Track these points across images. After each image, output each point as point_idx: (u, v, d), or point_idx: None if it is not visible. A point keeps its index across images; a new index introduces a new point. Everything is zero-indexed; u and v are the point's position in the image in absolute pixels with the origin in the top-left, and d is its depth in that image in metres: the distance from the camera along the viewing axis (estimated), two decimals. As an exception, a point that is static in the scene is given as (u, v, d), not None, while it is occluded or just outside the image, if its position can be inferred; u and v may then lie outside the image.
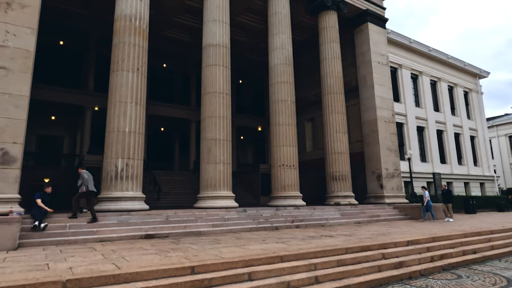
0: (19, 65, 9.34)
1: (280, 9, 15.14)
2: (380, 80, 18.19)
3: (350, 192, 15.87)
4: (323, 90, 16.77)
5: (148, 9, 12.04)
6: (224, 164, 12.27)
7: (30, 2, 9.77)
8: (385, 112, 17.97)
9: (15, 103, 9.16)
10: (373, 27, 18.60)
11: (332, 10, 17.09)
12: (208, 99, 12.65)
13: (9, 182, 8.78)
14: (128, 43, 11.10)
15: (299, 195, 14.07)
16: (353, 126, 18.92)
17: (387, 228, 11.16)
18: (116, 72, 10.96)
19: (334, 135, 16.05)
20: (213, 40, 13.00)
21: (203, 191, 12.18)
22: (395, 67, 25.01)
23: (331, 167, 15.94)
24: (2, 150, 8.83)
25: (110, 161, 10.42)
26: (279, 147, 14.12)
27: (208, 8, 13.36)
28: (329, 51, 16.76)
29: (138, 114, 10.95)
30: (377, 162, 17.27)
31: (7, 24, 9.33)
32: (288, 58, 14.91)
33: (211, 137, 12.32)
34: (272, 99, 14.75)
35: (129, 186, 10.37)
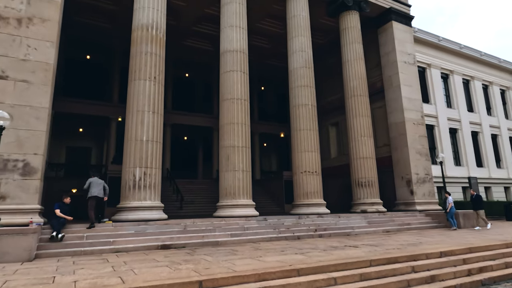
0: (39, 78, 9.54)
1: (299, 12, 14.79)
2: (407, 80, 17.32)
3: (378, 199, 15.05)
4: (346, 92, 16.15)
5: (165, 18, 12.07)
6: (243, 172, 11.95)
7: (50, 16, 10.02)
8: (413, 114, 17.04)
9: (36, 115, 9.33)
10: (398, 26, 17.82)
11: (354, 10, 16.53)
12: (226, 105, 12.45)
13: (30, 193, 8.92)
14: (145, 52, 11.14)
15: (322, 202, 13.48)
16: (379, 129, 18.10)
17: (418, 238, 10.36)
18: (133, 82, 11.00)
19: (358, 139, 15.36)
20: (230, 46, 12.84)
21: (222, 199, 11.91)
22: (423, 67, 23.87)
23: (356, 173, 15.22)
24: (23, 161, 9.00)
25: (128, 170, 10.39)
26: (301, 153, 13.64)
27: (225, 14, 13.25)
28: (352, 52, 16.17)
29: (156, 123, 10.90)
30: (406, 166, 16.34)
31: (28, 38, 9.59)
32: (308, 61, 14.49)
33: (230, 144, 12.07)
34: (292, 103, 14.34)
35: (147, 195, 10.27)
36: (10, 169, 8.80)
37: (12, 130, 8.96)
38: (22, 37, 9.50)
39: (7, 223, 8.24)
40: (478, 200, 14.14)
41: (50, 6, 10.04)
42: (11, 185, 8.76)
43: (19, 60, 9.36)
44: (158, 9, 11.68)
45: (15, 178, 8.80)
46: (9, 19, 9.46)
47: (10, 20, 9.46)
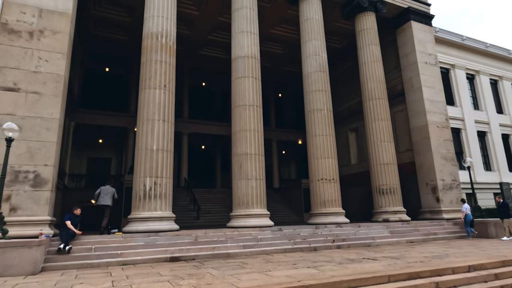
0: (50, 89, 9.60)
1: (312, 15, 14.42)
2: (428, 81, 16.49)
3: (401, 207, 14.23)
4: (364, 96, 15.53)
5: (175, 27, 11.99)
6: (256, 180, 11.56)
7: (61, 29, 10.12)
8: (436, 117, 16.16)
9: (47, 126, 9.36)
10: (417, 25, 17.07)
11: (369, 11, 15.98)
12: (238, 112, 12.17)
13: (40, 204, 8.90)
14: (154, 60, 11.07)
15: (341, 211, 12.85)
16: (400, 134, 17.28)
17: (444, 249, 9.58)
18: (144, 90, 10.92)
19: (378, 144, 14.65)
20: (241, 52, 12.61)
21: (235, 209, 11.55)
22: (446, 68, 22.80)
23: (377, 179, 14.49)
24: (34, 172, 9.01)
25: (138, 180, 10.24)
26: (317, 159, 13.12)
27: (235, 20, 13.07)
28: (368, 54, 15.58)
29: (166, 131, 10.74)
30: (430, 172, 15.43)
31: (40, 50, 9.70)
32: (322, 65, 14.04)
33: (242, 151, 11.74)
34: (307, 108, 13.89)
35: (158, 206, 10.05)
36: (21, 180, 8.82)
37: (23, 142, 9.01)
38: (33, 50, 9.62)
39: (18, 235, 8.21)
40: (505, 207, 13.13)
41: (61, 18, 10.15)
42: (22, 197, 8.76)
43: (30, 72, 9.47)
44: (168, 18, 11.62)
45: (26, 189, 8.80)
46: (21, 32, 9.62)
47: (22, 33, 9.62)
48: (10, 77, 9.27)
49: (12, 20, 9.61)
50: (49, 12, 10.06)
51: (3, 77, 9.22)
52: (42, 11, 9.98)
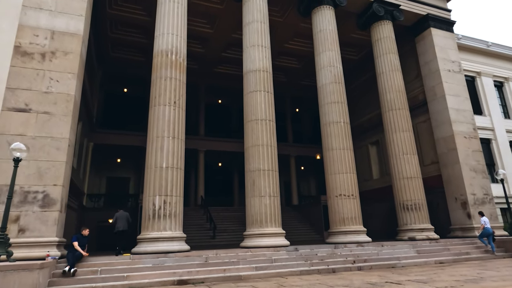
0: (61, 109, 9.61)
1: (325, 26, 14.08)
2: (452, 90, 15.63)
3: (428, 224, 13.23)
4: (383, 106, 14.86)
5: (185, 44, 11.92)
6: (270, 197, 11.05)
7: (72, 49, 10.22)
8: (463, 127, 15.19)
9: (57, 146, 9.32)
10: (438, 32, 16.37)
11: (386, 20, 15.49)
12: (250, 127, 11.82)
13: (48, 225, 8.74)
14: (164, 77, 10.98)
15: (362, 229, 12.05)
16: (424, 146, 16.35)
17: (479, 271, 8.63)
18: (153, 108, 10.81)
19: (400, 157, 13.84)
20: (253, 66, 12.37)
21: (249, 228, 11.03)
22: (472, 75, 21.72)
23: (401, 195, 13.61)
24: (43, 193, 8.91)
25: (148, 199, 9.97)
26: (334, 174, 12.48)
27: (246, 34, 12.92)
28: (386, 63, 14.98)
29: (176, 148, 10.49)
30: (459, 186, 14.37)
31: (51, 71, 9.80)
32: (337, 76, 13.56)
33: (255, 168, 11.31)
34: (323, 121, 13.37)
35: (167, 225, 9.70)
36: (30, 201, 8.74)
37: (33, 162, 8.98)
38: (45, 71, 9.73)
39: (25, 257, 8.05)
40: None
41: (72, 39, 10.28)
42: (31, 217, 8.65)
43: (41, 92, 9.54)
44: (178, 35, 11.59)
45: (34, 210, 8.70)
46: (34, 54, 9.78)
47: (34, 55, 9.77)
48: (22, 98, 9.36)
49: (25, 43, 9.80)
50: (61, 33, 10.22)
51: (15, 98, 9.33)
52: (54, 33, 10.15)
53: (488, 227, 12.15)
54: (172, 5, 11.74)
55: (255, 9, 12.97)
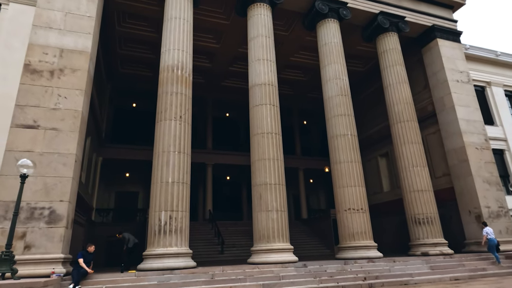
0: (68, 125, 9.70)
1: (330, 39, 14.10)
2: (462, 100, 15.39)
3: (441, 239, 12.82)
4: (391, 118, 14.67)
5: (191, 59, 12.03)
6: (277, 212, 10.87)
7: (80, 66, 10.38)
8: (474, 137, 14.87)
9: (64, 162, 9.36)
10: (445, 43, 16.25)
11: (391, 32, 15.45)
12: (256, 140, 11.76)
13: (54, 242, 8.71)
14: (170, 92, 11.04)
15: (373, 244, 11.72)
16: (435, 158, 16.03)
17: (496, 289, 8.26)
18: (159, 122, 10.84)
19: (410, 170, 13.56)
20: (258, 79, 12.39)
21: (256, 243, 10.84)
22: (482, 85, 21.41)
23: (412, 208, 13.27)
24: (49, 209, 8.91)
25: (154, 214, 9.90)
26: (342, 188, 12.26)
27: (252, 49, 12.99)
28: (393, 75, 14.87)
29: (182, 163, 10.45)
30: (473, 199, 13.97)
31: (59, 88, 9.94)
32: (343, 89, 13.48)
33: (261, 181, 11.19)
34: (330, 134, 13.23)
35: (173, 241, 9.58)
36: (36, 217, 8.74)
37: (40, 178, 9.02)
38: (53, 88, 9.88)
39: (30, 274, 8.03)
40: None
41: (80, 56, 10.46)
42: (37, 234, 8.63)
43: (50, 109, 9.66)
44: (184, 50, 11.71)
45: (40, 226, 8.69)
46: (43, 72, 9.95)
47: (43, 72, 9.94)
48: (30, 115, 9.48)
49: (34, 61, 9.99)
50: (69, 51, 10.40)
51: (24, 115, 9.46)
52: (63, 51, 10.34)
53: (492, 237, 11.83)
54: (178, 22, 11.92)
55: (260, 24, 13.08)
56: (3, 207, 8.53)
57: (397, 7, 15.78)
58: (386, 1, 15.59)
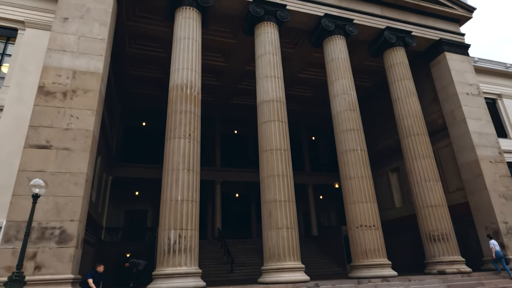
0: (80, 145, 9.83)
1: (337, 55, 14.20)
2: (473, 113, 15.20)
3: (458, 256, 12.42)
4: (401, 133, 14.53)
5: (200, 77, 12.20)
6: (288, 229, 10.71)
7: (92, 87, 10.59)
8: (488, 151, 14.59)
9: (75, 181, 9.44)
10: (453, 56, 16.21)
11: (398, 46, 15.50)
12: (265, 157, 11.74)
13: (64, 262, 8.68)
14: (179, 110, 11.17)
15: (386, 262, 11.41)
16: (448, 172, 15.74)
17: (519, 309, 7.89)
18: (169, 141, 10.93)
19: (422, 185, 13.31)
20: (266, 96, 12.47)
21: (266, 262, 10.65)
22: (492, 98, 21.15)
23: (426, 224, 12.95)
24: (60, 228, 8.93)
25: (163, 233, 9.84)
26: (353, 204, 12.06)
27: (259, 66, 13.15)
28: (401, 89, 14.82)
29: (191, 181, 10.45)
30: (489, 214, 13.58)
31: (72, 108, 10.12)
32: (352, 104, 13.46)
33: (271, 198, 11.09)
34: (339, 149, 13.15)
35: (182, 261, 9.47)
36: (47, 237, 8.76)
37: (52, 198, 9.08)
38: (66, 108, 10.06)
39: (40, 295, 7.99)
40: None
41: (92, 77, 10.69)
42: (47, 254, 8.63)
43: (62, 129, 9.82)
44: (193, 69, 11.90)
45: (51, 246, 8.69)
46: (56, 93, 10.17)
47: (56, 94, 10.16)
48: (44, 135, 9.64)
49: (48, 83, 10.24)
50: (82, 73, 10.64)
51: (37, 135, 9.62)
52: (75, 73, 10.59)
53: (498, 249, 11.63)
54: (187, 42, 12.16)
55: (267, 42, 13.27)
56: (15, 227, 8.58)
57: (403, 22, 15.87)
58: (392, 17, 15.72)
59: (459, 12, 16.98)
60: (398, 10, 15.99)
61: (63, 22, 11.08)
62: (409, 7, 16.14)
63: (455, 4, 16.95)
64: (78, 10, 11.40)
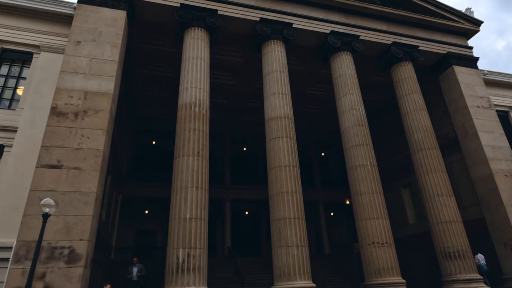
0: (90, 164, 9.95)
1: (344, 71, 14.27)
2: (485, 126, 14.96)
3: (476, 274, 11.95)
4: (412, 148, 14.34)
5: (208, 96, 12.35)
6: (298, 247, 10.52)
7: (103, 107, 10.81)
8: (502, 164, 14.25)
9: (85, 200, 9.51)
10: (461, 69, 16.13)
11: (406, 61, 15.51)
12: (274, 174, 11.68)
13: (72, 282, 8.64)
14: (188, 129, 11.27)
15: (401, 281, 11.04)
16: (462, 186, 15.38)
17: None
18: (177, 159, 10.99)
19: (435, 200, 13.00)
20: (274, 113, 12.53)
21: (276, 281, 10.42)
22: (504, 110, 20.84)
23: (440, 241, 12.57)
24: (69, 248, 8.94)
25: (172, 252, 9.76)
26: (365, 221, 11.82)
27: (267, 84, 13.27)
28: (410, 103, 14.73)
29: (200, 199, 10.42)
30: (507, 230, 13.13)
31: (83, 129, 10.31)
32: (360, 119, 13.41)
33: (280, 216, 10.95)
34: (348, 165, 13.01)
35: (191, 280, 9.34)
36: (56, 257, 8.77)
37: (62, 217, 9.14)
38: (77, 128, 10.25)
39: (48, 316, 7.93)
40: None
41: (103, 98, 10.92)
42: (56, 274, 8.61)
43: (73, 149, 9.98)
44: (201, 88, 12.07)
45: (60, 266, 8.69)
46: (68, 114, 10.40)
47: (68, 114, 10.39)
48: (55, 155, 9.81)
49: (60, 104, 10.49)
50: (93, 93, 10.90)
51: (49, 155, 9.80)
52: (87, 94, 10.85)
53: (483, 263, 11.43)
54: (195, 61, 12.40)
55: (274, 60, 13.44)
56: (25, 247, 8.63)
57: (410, 37, 15.93)
58: (398, 32, 15.80)
59: (465, 26, 17.00)
60: (404, 25, 16.09)
61: (76, 45, 11.45)
62: (415, 22, 16.24)
63: (461, 18, 16.99)
64: (91, 34, 11.79)
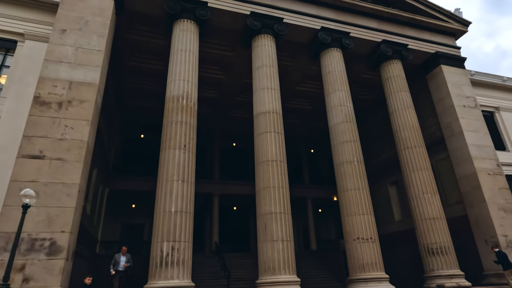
0: (74, 155, 9.76)
1: (334, 67, 14.29)
2: (470, 125, 15.17)
3: (457, 270, 12.16)
4: (398, 145, 14.48)
5: (196, 89, 12.24)
6: (283, 242, 10.52)
7: (88, 98, 10.60)
8: (486, 163, 14.49)
9: (67, 192, 9.34)
10: (449, 69, 16.31)
11: (395, 59, 15.62)
12: (261, 169, 11.64)
13: (53, 274, 8.50)
14: (175, 121, 11.15)
15: (384, 276, 11.16)
16: (447, 185, 15.61)
17: (520, 325, 7.65)
18: (164, 151, 10.87)
19: (420, 197, 13.16)
20: (262, 108, 12.48)
21: (261, 276, 10.42)
22: (490, 110, 21.17)
23: (424, 237, 12.74)
24: (50, 240, 8.78)
25: (156, 245, 9.67)
26: (350, 216, 11.90)
27: (256, 78, 13.20)
28: (398, 101, 14.85)
29: (186, 192, 10.34)
30: (489, 227, 13.38)
31: (66, 119, 10.10)
32: (348, 115, 13.46)
33: (266, 211, 10.94)
34: (336, 161, 13.07)
35: (175, 273, 9.27)
36: (36, 249, 8.60)
37: (43, 209, 8.97)
38: (61, 118, 10.04)
39: (28, 309, 7.79)
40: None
41: (88, 88, 10.70)
42: (37, 266, 8.46)
43: (56, 140, 9.78)
44: (189, 80, 11.95)
45: (40, 258, 8.53)
46: (51, 103, 10.17)
47: (52, 104, 10.16)
48: (37, 146, 9.59)
49: (44, 93, 10.25)
50: (78, 83, 10.67)
51: (31, 146, 9.57)
52: (72, 83, 10.62)
53: None
54: (184, 53, 12.26)
55: (264, 54, 13.37)
56: (4, 239, 8.44)
57: (400, 36, 16.02)
58: (388, 30, 15.88)
59: (454, 26, 17.18)
60: (394, 24, 16.17)
61: (61, 34, 11.20)
62: (406, 20, 16.33)
63: (450, 18, 17.16)
64: (77, 22, 11.53)
